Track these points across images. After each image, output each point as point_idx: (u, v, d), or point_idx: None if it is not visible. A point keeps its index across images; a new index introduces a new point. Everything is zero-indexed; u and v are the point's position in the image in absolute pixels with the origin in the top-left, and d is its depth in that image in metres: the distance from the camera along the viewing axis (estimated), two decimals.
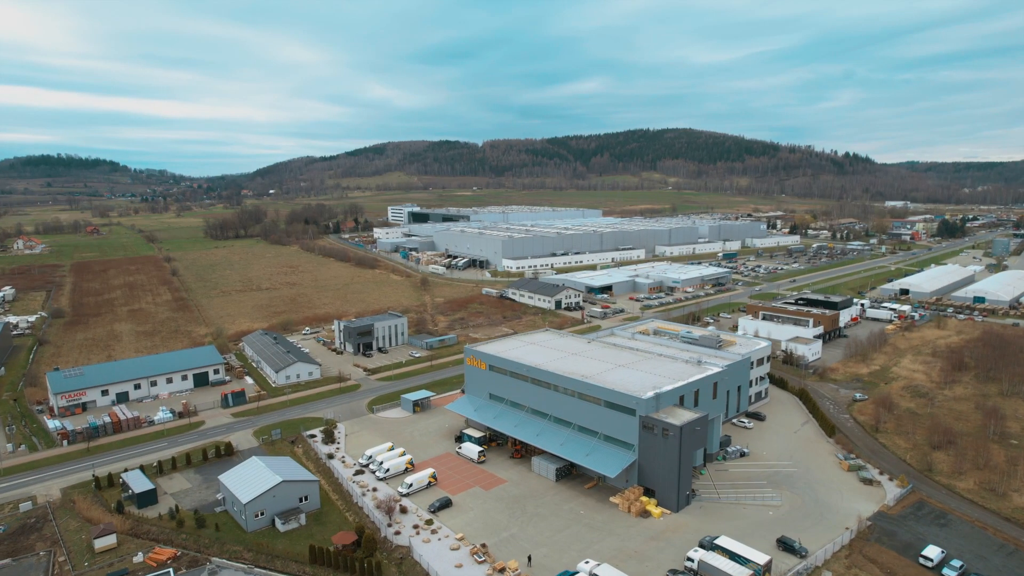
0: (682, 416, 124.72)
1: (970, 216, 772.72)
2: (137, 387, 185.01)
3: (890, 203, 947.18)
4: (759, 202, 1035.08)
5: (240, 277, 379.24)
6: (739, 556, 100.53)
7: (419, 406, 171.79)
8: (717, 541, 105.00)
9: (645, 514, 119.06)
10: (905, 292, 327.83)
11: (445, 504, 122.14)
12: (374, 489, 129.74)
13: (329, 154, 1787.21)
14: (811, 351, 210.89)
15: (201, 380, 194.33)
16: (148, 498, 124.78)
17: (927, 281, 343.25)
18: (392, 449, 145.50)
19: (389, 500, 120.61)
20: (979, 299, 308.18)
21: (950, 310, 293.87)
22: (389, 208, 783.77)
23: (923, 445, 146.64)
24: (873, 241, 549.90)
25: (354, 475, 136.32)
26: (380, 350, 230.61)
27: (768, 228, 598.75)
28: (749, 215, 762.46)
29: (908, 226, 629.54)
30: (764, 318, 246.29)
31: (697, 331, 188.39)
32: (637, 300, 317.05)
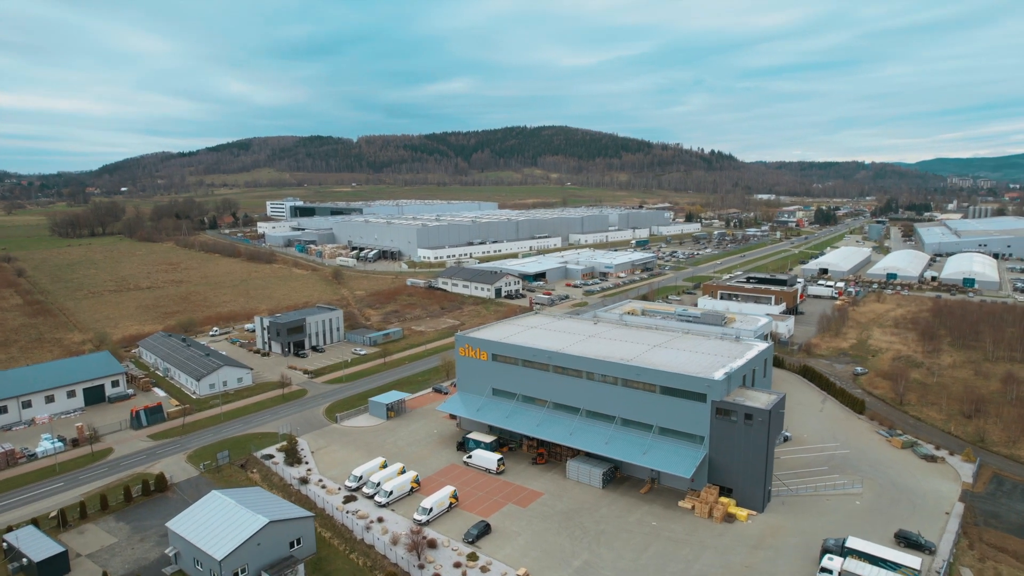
0: (760, 398, 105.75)
1: (834, 207, 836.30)
2: (2, 411, 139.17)
3: (760, 196, 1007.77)
4: (639, 196, 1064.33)
5: (110, 276, 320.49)
6: (885, 560, 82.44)
7: (393, 410, 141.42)
8: (848, 544, 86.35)
9: (729, 518, 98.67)
10: (824, 271, 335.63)
11: (483, 531, 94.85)
12: (379, 520, 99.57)
13: (187, 150, 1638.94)
14: (787, 328, 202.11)
15: (95, 396, 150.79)
16: (56, 567, 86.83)
17: (840, 261, 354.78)
18: (386, 466, 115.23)
19: (411, 533, 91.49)
20: (892, 275, 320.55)
21: (875, 286, 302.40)
22: (268, 203, 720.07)
23: (956, 415, 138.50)
24: (765, 228, 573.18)
25: (344, 503, 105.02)
26: (315, 349, 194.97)
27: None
28: (640, 206, 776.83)
29: (791, 215, 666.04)
30: (723, 297, 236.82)
31: (692, 309, 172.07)
32: (575, 286, 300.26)
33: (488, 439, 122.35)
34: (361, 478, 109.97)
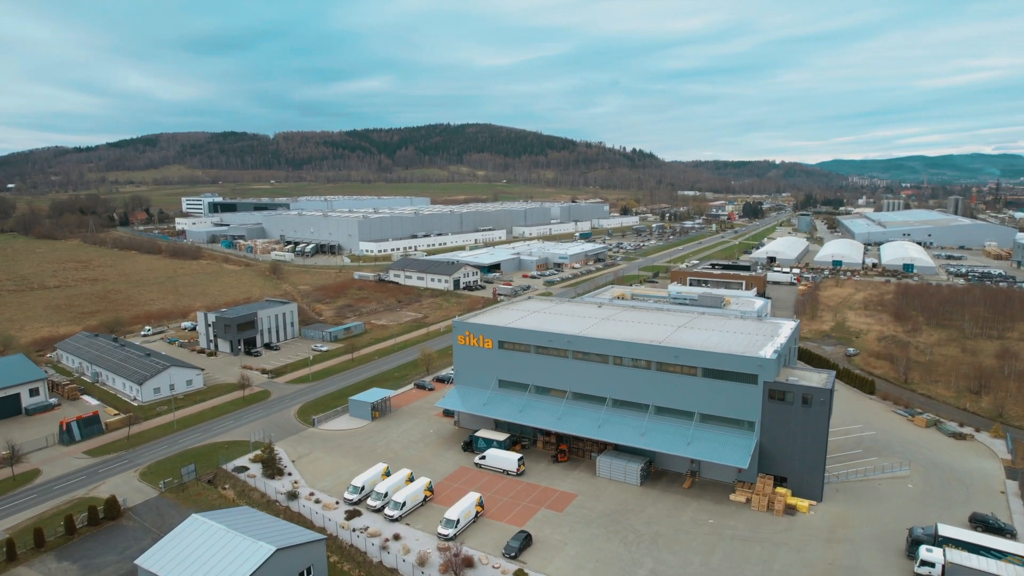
0: (812, 378, 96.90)
1: (758, 202, 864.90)
2: None
3: (684, 192, 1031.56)
4: (568, 192, 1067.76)
5: (6, 275, 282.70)
6: (988, 549, 74.52)
7: (377, 410, 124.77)
8: (941, 532, 78.04)
9: (790, 510, 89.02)
10: (772, 259, 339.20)
11: (525, 542, 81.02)
12: (396, 537, 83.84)
13: (86, 145, 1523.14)
14: (766, 312, 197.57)
15: (9, 407, 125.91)
16: None
17: (785, 249, 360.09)
18: (389, 473, 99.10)
19: (441, 551, 76.65)
20: (837, 263, 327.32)
21: (826, 272, 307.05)
22: (183, 199, 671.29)
23: (964, 391, 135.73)
24: (699, 221, 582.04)
25: (347, 519, 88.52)
26: (269, 347, 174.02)
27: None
28: (573, 201, 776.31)
29: (720, 209, 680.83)
30: (692, 283, 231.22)
31: (686, 292, 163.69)
32: (532, 277, 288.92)
33: (501, 436, 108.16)
34: (363, 488, 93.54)
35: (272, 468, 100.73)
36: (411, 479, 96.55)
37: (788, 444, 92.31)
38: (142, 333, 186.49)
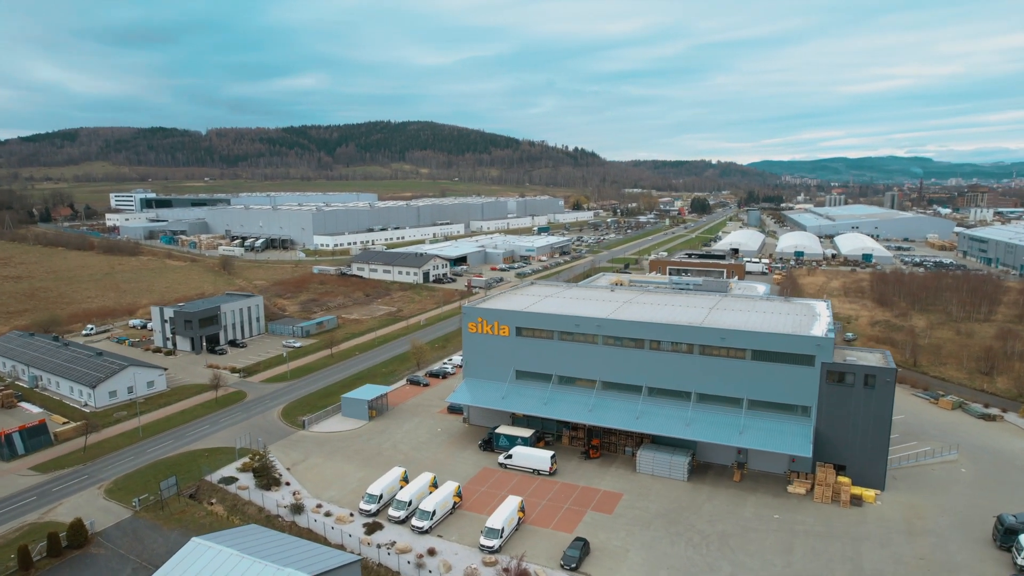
0: (868, 357, 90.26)
1: (704, 199, 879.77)
2: None
3: (629, 190, 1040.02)
4: (513, 190, 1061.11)
5: None
6: None
7: (374, 409, 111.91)
8: None
9: (856, 501, 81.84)
10: (736, 251, 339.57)
11: (582, 551, 70.70)
12: (431, 552, 72.07)
13: None
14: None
15: None
16: None
17: (746, 241, 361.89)
18: (407, 479, 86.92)
19: (489, 565, 65.64)
20: (799, 253, 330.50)
21: (792, 263, 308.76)
22: (112, 195, 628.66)
23: (975, 373, 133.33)
24: (651, 216, 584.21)
25: (368, 533, 76.11)
26: (234, 344, 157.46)
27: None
28: (522, 196, 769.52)
29: (670, 204, 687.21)
30: (671, 272, 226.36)
31: (687, 278, 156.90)
32: (501, 270, 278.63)
33: (525, 432, 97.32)
34: (381, 497, 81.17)
35: (267, 477, 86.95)
36: (435, 484, 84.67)
37: (848, 430, 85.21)
38: (84, 332, 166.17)
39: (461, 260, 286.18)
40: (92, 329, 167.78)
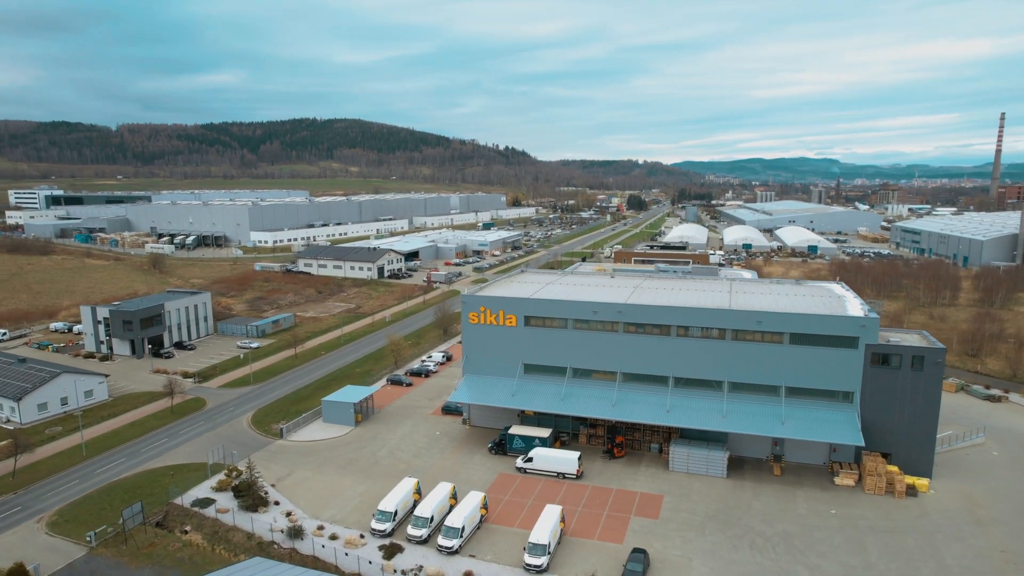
0: (908, 339, 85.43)
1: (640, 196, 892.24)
2: None
3: (563, 188, 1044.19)
4: (447, 188, 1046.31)
5: None
6: None
7: (360, 412, 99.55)
8: None
9: (912, 491, 76.53)
10: (686, 244, 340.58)
11: (645, 564, 61.84)
12: None
13: None
14: None
15: None
16: None
17: (694, 234, 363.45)
18: (421, 492, 75.66)
19: None
20: (747, 246, 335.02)
21: (743, 254, 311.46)
22: (11, 192, 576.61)
23: (963, 355, 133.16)
24: (591, 213, 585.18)
25: (387, 558, 64.64)
26: (181, 346, 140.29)
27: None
28: (458, 192, 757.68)
29: (607, 201, 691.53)
30: (637, 263, 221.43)
31: (676, 266, 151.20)
32: (455, 264, 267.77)
33: (544, 432, 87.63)
34: (396, 514, 69.70)
35: (252, 497, 73.75)
36: (455, 496, 73.82)
37: (894, 415, 80.00)
38: None
39: (413, 255, 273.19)
40: (5, 334, 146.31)
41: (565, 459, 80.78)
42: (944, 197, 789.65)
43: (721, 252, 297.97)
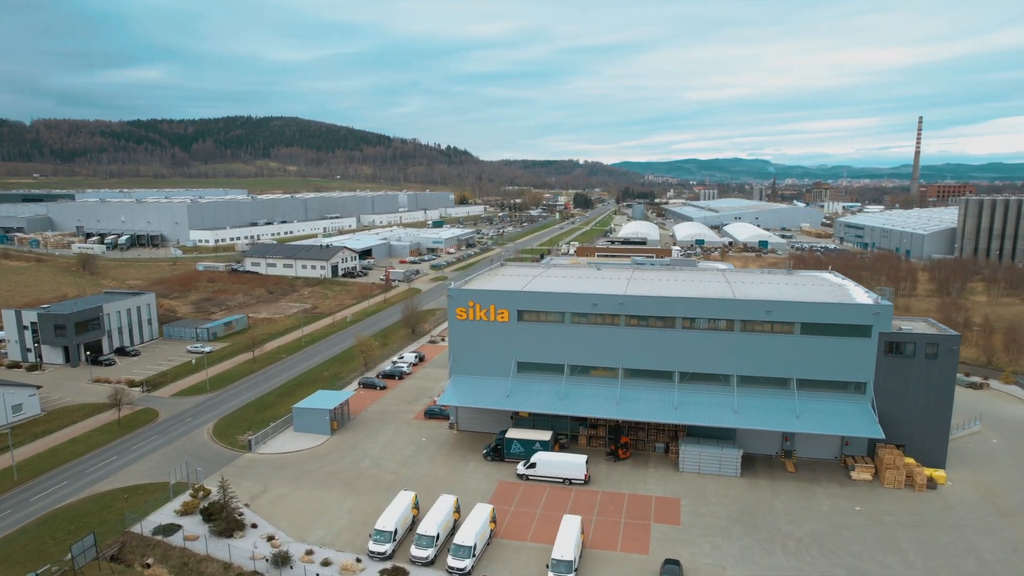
0: (917, 326, 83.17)
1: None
2: None
3: (508, 187, 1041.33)
4: (389, 187, 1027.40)
5: None
6: None
7: (335, 420, 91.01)
8: None
9: (931, 484, 73.95)
10: (644, 240, 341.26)
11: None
12: None
13: None
14: None
15: None
16: None
17: (647, 231, 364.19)
18: (420, 508, 68.19)
19: None
20: (699, 241, 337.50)
21: (698, 250, 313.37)
22: None
23: None
24: (540, 210, 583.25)
25: None
26: (123, 352, 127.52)
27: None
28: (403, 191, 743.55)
29: (554, 199, 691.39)
30: (600, 257, 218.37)
31: (656, 257, 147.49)
32: (411, 262, 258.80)
33: (545, 435, 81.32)
34: (396, 533, 62.12)
35: (226, 520, 64.71)
36: (458, 509, 66.71)
37: (907, 406, 77.46)
38: None
39: (365, 253, 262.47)
40: None
41: (572, 463, 74.78)
42: (870, 196, 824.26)
43: (678, 248, 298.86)
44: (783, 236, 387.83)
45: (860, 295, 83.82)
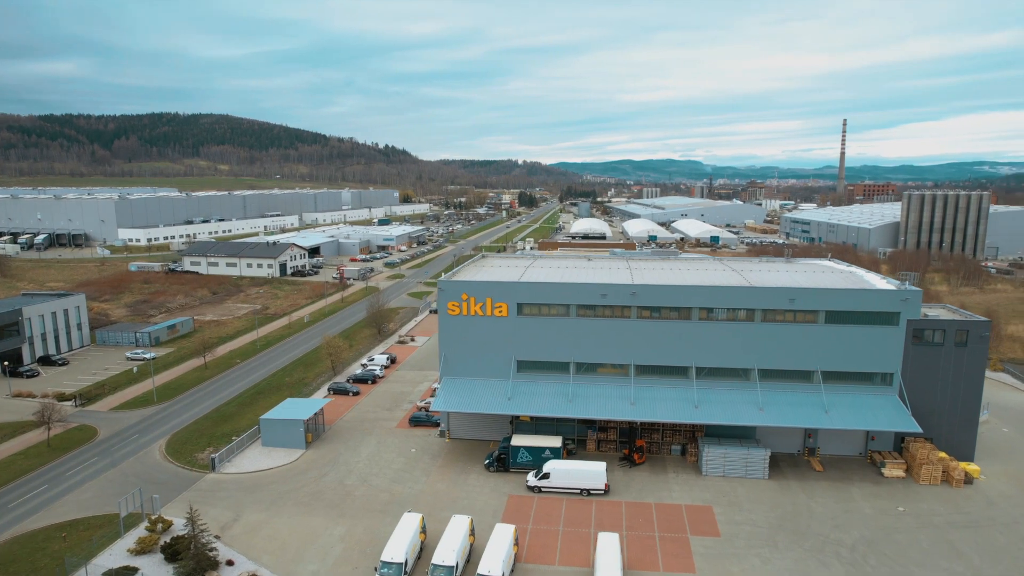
0: (939, 312, 79.19)
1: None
2: None
3: (450, 186, 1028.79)
4: (328, 186, 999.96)
5: None
6: None
7: (310, 431, 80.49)
8: None
9: (967, 479, 69.82)
10: (603, 236, 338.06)
11: None
12: None
13: None
14: None
15: None
16: None
17: (598, 228, 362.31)
18: (428, 532, 59.01)
19: None
20: (652, 237, 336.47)
21: (653, 245, 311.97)
22: None
23: None
24: (486, 209, 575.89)
25: None
26: (49, 361, 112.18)
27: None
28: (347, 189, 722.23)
29: (498, 197, 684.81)
30: (564, 252, 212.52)
31: (640, 248, 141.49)
32: (363, 260, 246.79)
33: (555, 442, 73.17)
34: (407, 564, 52.84)
35: (197, 558, 53.90)
36: (474, 531, 57.91)
37: (935, 396, 73.29)
38: None
39: (314, 251, 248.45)
40: None
41: (591, 472, 66.99)
42: (799, 195, 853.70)
43: (638, 243, 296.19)
44: (731, 232, 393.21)
45: (878, 281, 79.46)
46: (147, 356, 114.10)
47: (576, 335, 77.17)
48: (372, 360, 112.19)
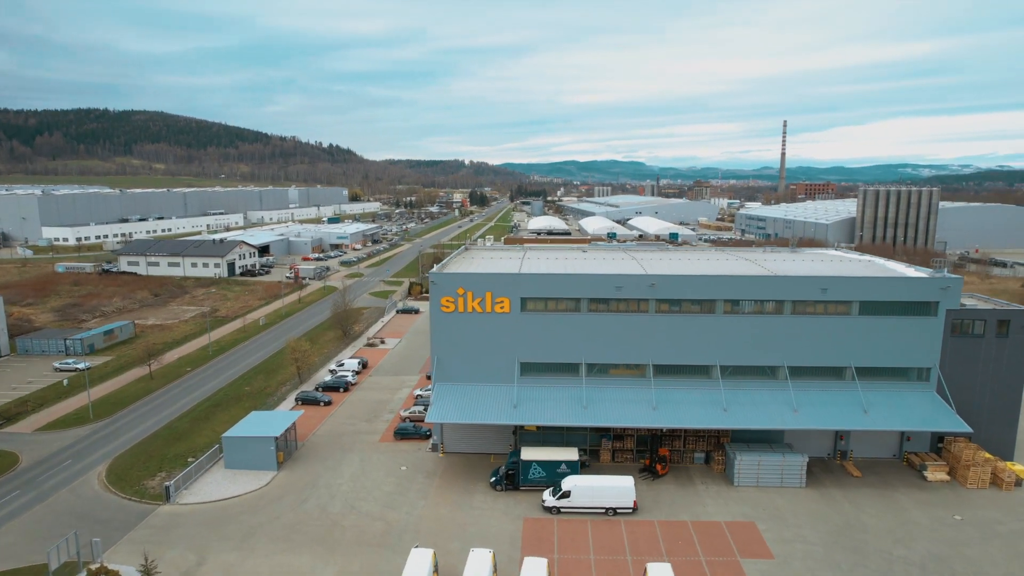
0: (971, 301, 74.03)
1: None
2: None
3: (398, 186, 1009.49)
4: (271, 185, 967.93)
5: None
6: None
7: (281, 450, 69.53)
8: None
9: (1019, 482, 64.60)
10: (568, 231, 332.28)
11: None
12: None
13: None
14: None
15: None
16: None
17: (556, 225, 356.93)
18: (439, 572, 49.39)
19: None
20: (612, 235, 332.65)
21: (615, 241, 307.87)
22: None
23: None
24: (438, 207, 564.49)
25: None
26: None
27: None
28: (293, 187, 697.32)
29: (448, 195, 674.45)
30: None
31: (629, 242, 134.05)
32: (318, 259, 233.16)
33: (571, 455, 64.33)
34: None
35: None
36: (495, 566, 48.67)
37: (975, 391, 67.99)
38: None
39: (263, 250, 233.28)
40: None
41: (617, 488, 58.56)
42: (742, 194, 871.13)
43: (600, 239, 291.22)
44: (689, 229, 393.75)
45: (905, 269, 73.95)
46: (80, 366, 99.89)
47: (588, 332, 68.75)
48: (342, 365, 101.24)
